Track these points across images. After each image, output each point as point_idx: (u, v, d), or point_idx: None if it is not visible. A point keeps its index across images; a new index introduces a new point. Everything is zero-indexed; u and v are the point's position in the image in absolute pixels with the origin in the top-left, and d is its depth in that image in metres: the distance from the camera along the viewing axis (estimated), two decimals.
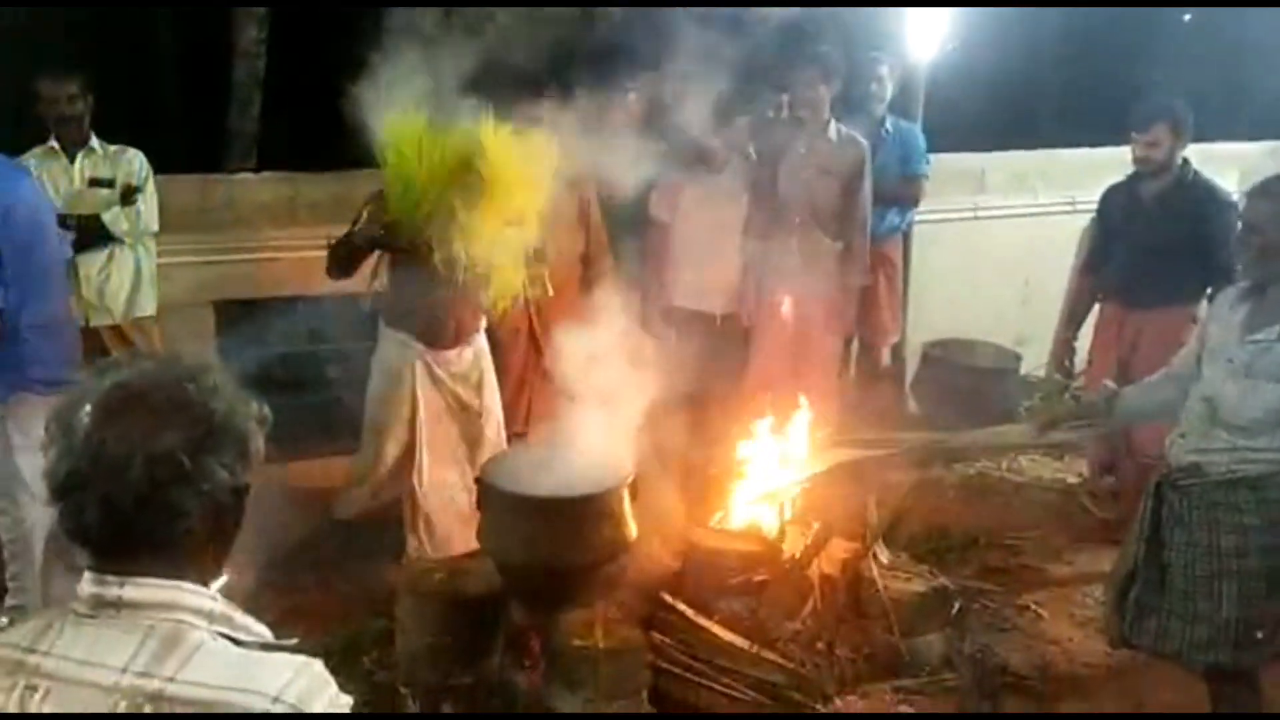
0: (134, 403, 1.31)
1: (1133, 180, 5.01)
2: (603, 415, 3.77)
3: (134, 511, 1.30)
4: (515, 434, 4.67)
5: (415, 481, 4.28)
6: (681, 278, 5.37)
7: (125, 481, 1.28)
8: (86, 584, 1.34)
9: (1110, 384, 3.64)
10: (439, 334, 4.26)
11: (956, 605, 4.15)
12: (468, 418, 4.37)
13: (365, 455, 4.38)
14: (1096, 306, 5.26)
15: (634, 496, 3.66)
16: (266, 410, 1.43)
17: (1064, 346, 5.32)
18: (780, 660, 3.73)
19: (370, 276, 4.24)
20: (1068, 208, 6.91)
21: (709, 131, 5.03)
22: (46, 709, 1.29)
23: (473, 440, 4.38)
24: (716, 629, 3.81)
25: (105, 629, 1.31)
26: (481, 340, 4.42)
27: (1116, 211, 5.09)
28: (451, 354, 4.31)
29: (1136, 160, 4.89)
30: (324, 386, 5.31)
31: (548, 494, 3.63)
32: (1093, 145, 7.02)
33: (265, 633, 1.37)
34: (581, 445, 3.80)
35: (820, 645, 3.88)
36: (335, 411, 4.90)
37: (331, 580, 4.48)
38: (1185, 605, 3.20)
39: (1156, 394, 3.50)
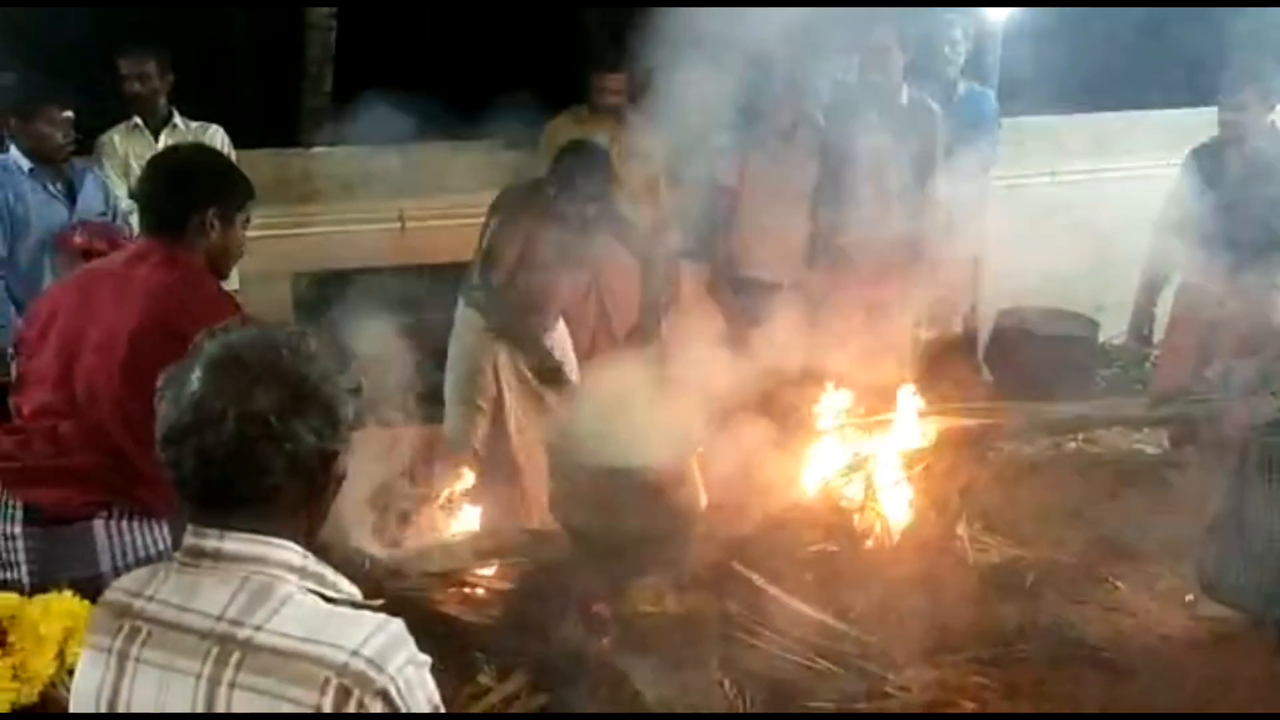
0: (233, 363, 1.40)
1: (1217, 143, 4.88)
2: (674, 383, 3.78)
3: (224, 464, 1.38)
4: None
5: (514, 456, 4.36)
6: (748, 246, 5.33)
7: (218, 435, 1.37)
8: (189, 536, 1.44)
9: (1232, 360, 3.59)
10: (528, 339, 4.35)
11: (1031, 576, 4.10)
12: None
13: (457, 430, 4.45)
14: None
15: (705, 465, 3.67)
16: (361, 380, 1.49)
17: (1143, 313, 5.22)
18: (852, 630, 3.72)
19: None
20: (1150, 171, 6.70)
21: (777, 97, 4.98)
22: (149, 650, 1.40)
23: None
24: (788, 598, 3.81)
25: (204, 578, 1.41)
26: (560, 324, 4.51)
27: (1200, 175, 4.96)
28: None
29: (1223, 125, 4.76)
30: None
31: (619, 462, 3.65)
32: (1178, 106, 6.81)
33: (355, 592, 1.45)
34: (653, 412, 3.82)
35: (893, 615, 3.87)
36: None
37: None
38: (1263, 560, 3.19)
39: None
